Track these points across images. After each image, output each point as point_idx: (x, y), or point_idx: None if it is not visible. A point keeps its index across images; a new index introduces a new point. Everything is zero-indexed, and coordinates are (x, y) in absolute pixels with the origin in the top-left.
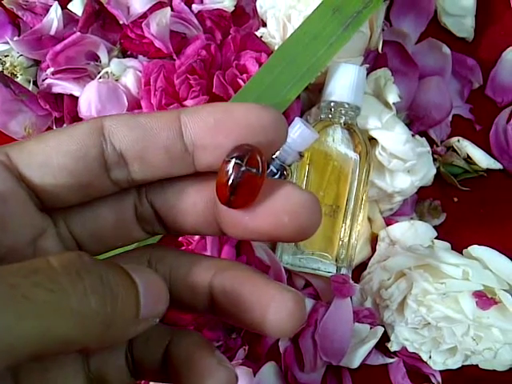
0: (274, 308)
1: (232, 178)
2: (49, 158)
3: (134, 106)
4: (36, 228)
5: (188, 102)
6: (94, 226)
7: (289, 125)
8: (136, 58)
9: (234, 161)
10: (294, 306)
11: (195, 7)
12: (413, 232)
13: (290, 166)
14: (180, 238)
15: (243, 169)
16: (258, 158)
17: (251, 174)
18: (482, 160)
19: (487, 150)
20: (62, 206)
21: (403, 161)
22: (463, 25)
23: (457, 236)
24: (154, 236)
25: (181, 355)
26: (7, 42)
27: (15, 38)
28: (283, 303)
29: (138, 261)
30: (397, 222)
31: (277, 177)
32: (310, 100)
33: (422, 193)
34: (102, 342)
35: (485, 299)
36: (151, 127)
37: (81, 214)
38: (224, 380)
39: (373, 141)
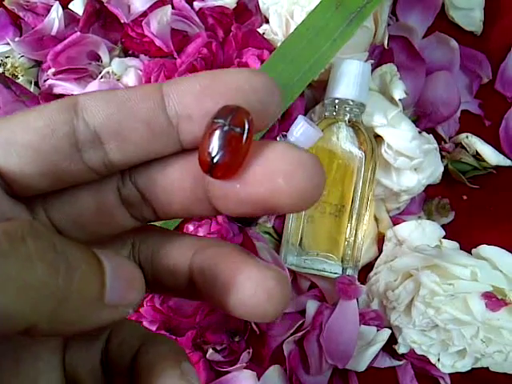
0: (250, 288)
1: (213, 139)
2: (12, 134)
3: None
4: (3, 214)
5: None
6: (74, 213)
7: (292, 123)
8: (137, 57)
9: (215, 121)
10: (275, 285)
11: (196, 4)
12: (420, 231)
13: None
14: None
15: (226, 128)
16: (244, 118)
17: (235, 134)
18: (492, 156)
19: (497, 146)
20: (34, 192)
21: (410, 158)
22: (471, 18)
23: (465, 235)
24: (145, 222)
25: (145, 365)
26: (8, 43)
27: (16, 39)
28: (261, 282)
29: (122, 243)
30: (404, 221)
31: None
32: (314, 97)
33: (429, 191)
34: (54, 322)
35: (494, 300)
36: (129, 99)
37: (59, 200)
38: None
39: (378, 138)
